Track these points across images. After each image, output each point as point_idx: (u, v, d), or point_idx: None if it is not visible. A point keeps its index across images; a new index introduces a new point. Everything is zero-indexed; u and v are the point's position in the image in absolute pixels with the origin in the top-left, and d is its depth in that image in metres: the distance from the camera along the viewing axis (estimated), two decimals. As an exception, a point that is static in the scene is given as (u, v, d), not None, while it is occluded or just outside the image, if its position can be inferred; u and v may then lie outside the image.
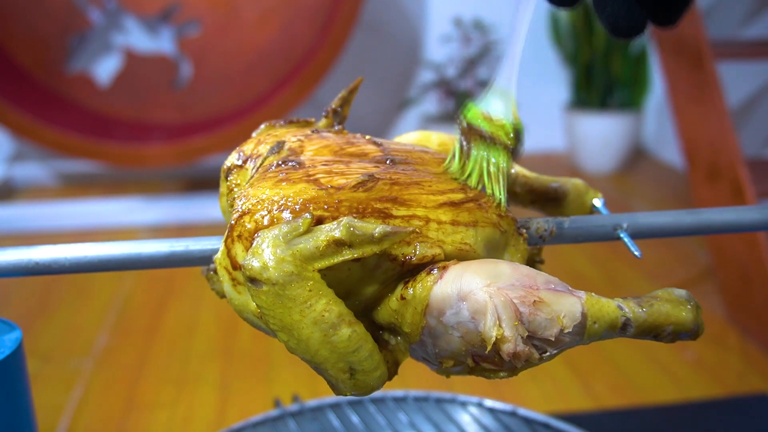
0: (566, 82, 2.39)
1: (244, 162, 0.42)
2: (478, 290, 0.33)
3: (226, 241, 0.37)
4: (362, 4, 1.86)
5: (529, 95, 2.44)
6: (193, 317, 1.37)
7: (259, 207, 0.36)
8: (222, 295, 0.41)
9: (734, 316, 1.31)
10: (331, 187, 0.36)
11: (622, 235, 0.43)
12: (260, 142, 0.43)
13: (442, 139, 0.48)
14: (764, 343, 1.21)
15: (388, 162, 0.40)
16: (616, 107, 2.26)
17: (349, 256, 0.34)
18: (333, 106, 0.46)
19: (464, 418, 0.74)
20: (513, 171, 0.47)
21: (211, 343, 1.26)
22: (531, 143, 2.60)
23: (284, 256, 0.33)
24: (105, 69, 2.13)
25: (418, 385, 0.88)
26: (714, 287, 1.42)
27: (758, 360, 1.18)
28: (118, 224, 1.90)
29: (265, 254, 0.33)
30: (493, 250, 0.39)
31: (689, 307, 0.37)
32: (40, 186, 2.28)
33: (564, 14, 2.30)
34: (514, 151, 0.42)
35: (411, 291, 0.35)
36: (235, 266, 0.36)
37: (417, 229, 0.36)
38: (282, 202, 0.35)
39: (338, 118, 0.46)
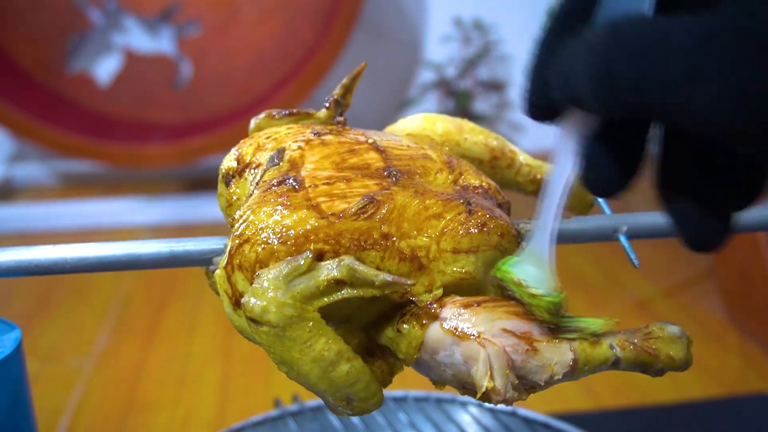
0: (566, 82, 2.39)
1: (243, 169, 0.41)
2: (472, 337, 0.34)
3: (226, 267, 0.37)
4: (362, 4, 1.86)
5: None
6: (193, 317, 1.37)
7: (259, 236, 0.36)
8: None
9: (734, 316, 1.31)
10: (332, 214, 0.36)
11: (622, 241, 0.43)
12: (259, 147, 0.41)
13: (446, 128, 0.46)
14: (764, 343, 1.21)
15: (390, 176, 0.39)
16: (616, 107, 2.26)
17: (349, 295, 0.35)
18: (335, 96, 0.45)
19: (464, 418, 0.74)
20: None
21: (211, 343, 1.26)
22: (530, 143, 2.60)
23: (285, 299, 0.34)
24: (105, 69, 2.13)
25: (418, 385, 0.88)
26: (714, 287, 1.42)
27: (758, 360, 1.18)
28: (118, 224, 1.90)
29: (266, 297, 0.34)
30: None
31: (681, 344, 0.38)
32: (40, 186, 2.28)
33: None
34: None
35: (407, 326, 0.36)
36: (235, 294, 0.36)
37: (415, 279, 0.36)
38: (282, 232, 0.35)
39: (340, 108, 0.45)
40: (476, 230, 0.38)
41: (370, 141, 0.41)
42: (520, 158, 0.48)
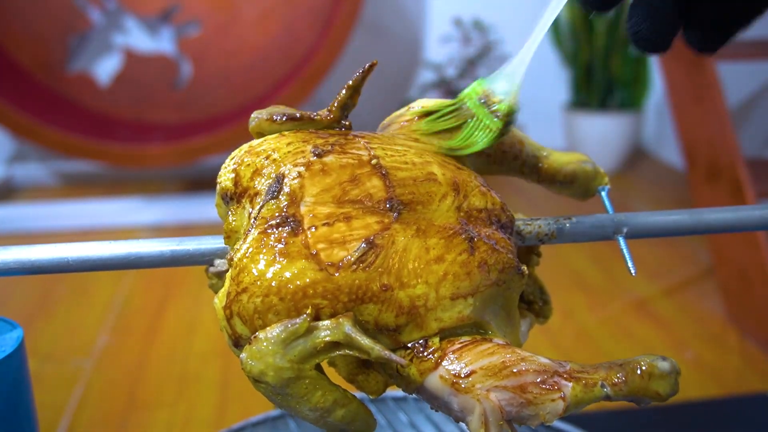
0: (566, 82, 2.39)
1: (241, 195, 0.39)
2: (469, 391, 0.36)
3: (224, 309, 0.37)
4: (362, 4, 1.86)
5: (529, 95, 2.44)
6: (193, 317, 1.37)
7: (257, 288, 0.36)
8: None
9: (734, 316, 1.31)
10: (331, 265, 0.36)
11: (621, 245, 0.43)
12: (257, 171, 0.39)
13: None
14: (764, 343, 1.22)
15: (392, 210, 0.38)
16: (616, 107, 2.26)
17: (345, 354, 0.36)
18: (341, 100, 0.42)
19: (464, 417, 0.74)
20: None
21: (211, 343, 1.27)
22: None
23: (282, 364, 0.35)
24: (105, 69, 2.13)
25: (418, 384, 0.88)
26: (714, 287, 1.43)
27: (758, 360, 1.18)
28: (118, 224, 1.90)
29: (264, 361, 0.35)
30: (491, 303, 0.40)
31: (670, 380, 0.39)
32: (40, 186, 2.28)
33: (564, 14, 2.30)
34: (501, 130, 0.42)
35: (407, 368, 0.38)
36: (235, 335, 0.37)
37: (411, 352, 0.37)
38: (280, 286, 0.35)
39: (346, 110, 0.43)
40: (477, 271, 0.38)
41: (374, 162, 0.40)
42: (527, 149, 0.47)
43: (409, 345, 0.37)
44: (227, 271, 0.39)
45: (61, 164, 2.29)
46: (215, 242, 0.41)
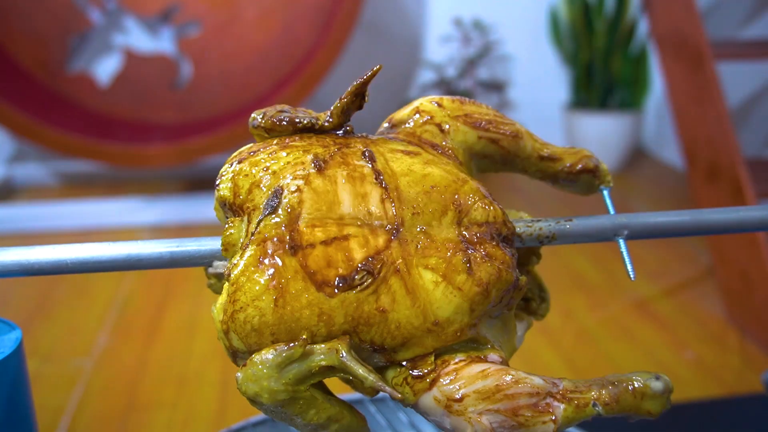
0: (566, 82, 2.39)
1: (239, 208, 0.39)
2: (461, 414, 0.36)
3: (222, 324, 0.37)
4: (362, 4, 1.86)
5: (529, 95, 2.44)
6: (193, 317, 1.37)
7: (253, 309, 0.36)
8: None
9: (734, 316, 1.31)
10: (327, 285, 0.36)
11: (621, 248, 0.43)
12: (255, 183, 0.38)
13: (456, 128, 0.45)
14: (764, 343, 1.21)
15: (392, 229, 0.38)
16: (616, 107, 2.26)
17: (339, 376, 0.36)
18: (343, 104, 0.41)
19: (464, 418, 0.74)
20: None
21: (211, 343, 1.26)
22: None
23: (277, 387, 0.35)
24: (105, 69, 2.13)
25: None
26: (714, 287, 1.42)
27: (758, 360, 1.18)
28: (118, 224, 1.90)
29: (259, 384, 0.35)
30: (488, 318, 0.40)
31: (662, 399, 0.39)
32: (40, 186, 2.28)
33: (564, 14, 2.30)
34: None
35: (401, 387, 0.38)
36: (232, 348, 0.37)
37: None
38: (276, 306, 0.36)
39: (348, 115, 0.42)
40: (475, 291, 0.38)
41: (374, 174, 0.39)
42: (530, 147, 0.47)
43: (404, 363, 0.38)
44: (227, 273, 0.39)
45: (61, 164, 2.29)
46: (215, 243, 0.41)
